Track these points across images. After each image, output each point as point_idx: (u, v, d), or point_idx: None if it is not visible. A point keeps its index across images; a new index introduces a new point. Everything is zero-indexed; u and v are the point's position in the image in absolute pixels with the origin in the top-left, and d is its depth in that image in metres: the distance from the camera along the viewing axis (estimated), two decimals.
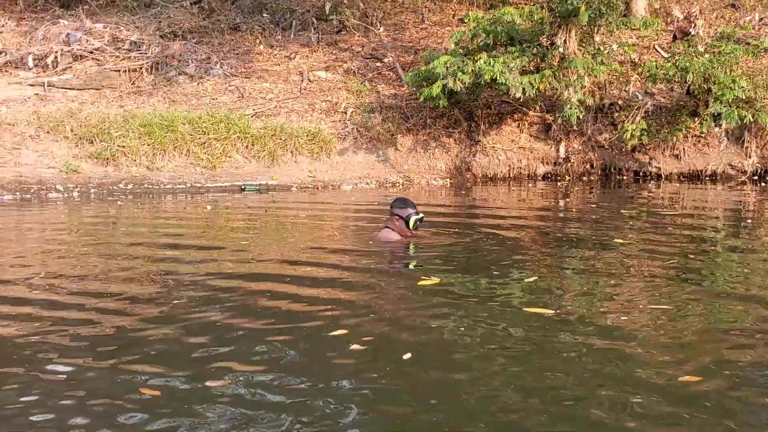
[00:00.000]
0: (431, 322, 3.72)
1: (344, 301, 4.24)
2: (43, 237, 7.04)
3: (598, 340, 3.38)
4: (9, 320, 3.88)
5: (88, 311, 4.05)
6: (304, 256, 5.73)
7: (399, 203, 5.85)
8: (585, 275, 4.86)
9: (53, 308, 4.12)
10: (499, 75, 11.33)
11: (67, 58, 14.57)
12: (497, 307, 3.97)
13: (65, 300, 4.32)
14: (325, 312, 3.92)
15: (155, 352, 3.36)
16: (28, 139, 11.80)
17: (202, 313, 3.96)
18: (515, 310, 3.91)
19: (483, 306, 4.01)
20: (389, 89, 14.47)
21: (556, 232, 7.01)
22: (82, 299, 4.33)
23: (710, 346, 3.30)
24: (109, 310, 4.07)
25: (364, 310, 3.98)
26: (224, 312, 3.97)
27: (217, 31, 16.62)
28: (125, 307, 4.12)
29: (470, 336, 3.50)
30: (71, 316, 3.93)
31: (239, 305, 4.13)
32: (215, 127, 12.34)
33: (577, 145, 13.38)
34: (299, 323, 3.74)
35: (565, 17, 11.85)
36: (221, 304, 4.15)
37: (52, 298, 4.37)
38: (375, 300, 4.24)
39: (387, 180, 12.41)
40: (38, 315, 3.97)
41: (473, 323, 3.68)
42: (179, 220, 8.41)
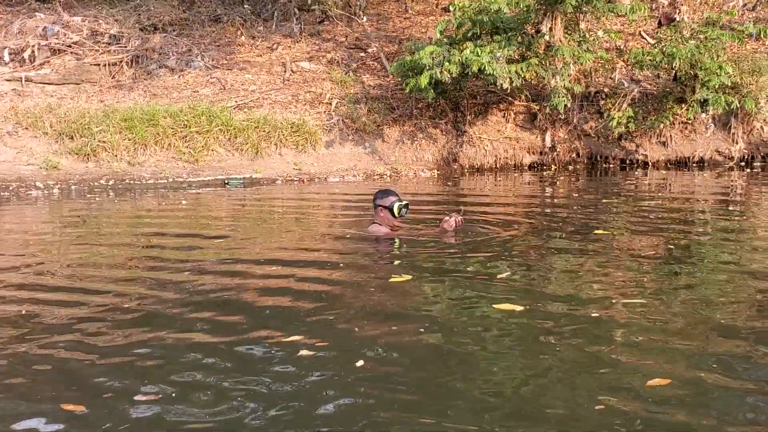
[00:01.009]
0: (392, 322, 3.51)
1: (308, 300, 4.03)
2: (24, 235, 6.86)
3: (571, 338, 3.24)
4: None
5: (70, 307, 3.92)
6: (278, 254, 5.57)
7: (380, 194, 5.73)
8: (563, 267, 4.74)
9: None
10: (487, 65, 11.20)
11: (44, 53, 14.27)
12: (466, 304, 3.85)
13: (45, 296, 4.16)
14: (284, 314, 3.74)
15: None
16: (5, 135, 11.56)
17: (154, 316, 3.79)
18: (484, 306, 3.76)
19: (451, 303, 3.89)
20: (374, 80, 14.31)
21: (538, 223, 6.91)
22: (64, 295, 4.21)
23: (692, 344, 3.17)
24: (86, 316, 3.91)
25: (325, 310, 3.78)
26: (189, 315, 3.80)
27: (197, 23, 16.37)
28: (98, 314, 3.92)
29: (433, 336, 3.33)
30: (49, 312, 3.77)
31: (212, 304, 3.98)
32: (197, 120, 12.15)
33: (563, 134, 13.30)
34: (253, 329, 3.49)
35: (551, 4, 11.74)
36: (187, 307, 3.95)
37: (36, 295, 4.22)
38: (340, 300, 4.05)
39: (374, 172, 12.27)
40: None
41: (438, 322, 3.53)
42: (155, 217, 8.22)
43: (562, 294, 4.03)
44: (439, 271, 4.68)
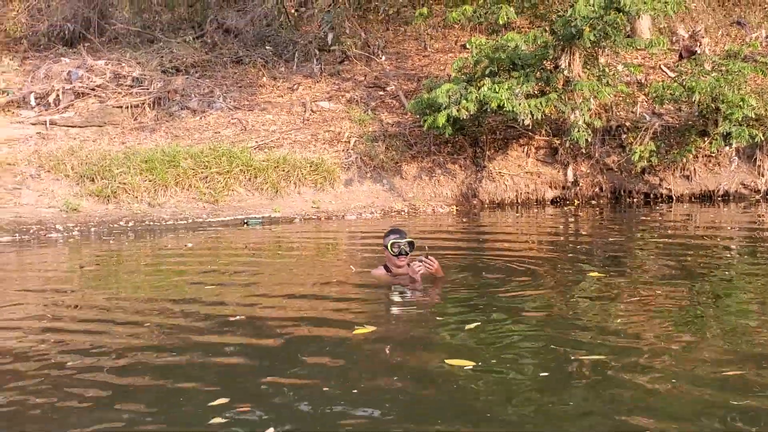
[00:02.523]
0: (330, 381, 3.31)
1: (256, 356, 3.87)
2: (42, 276, 6.87)
3: (515, 403, 3.03)
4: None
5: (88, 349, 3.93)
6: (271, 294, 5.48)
7: (386, 234, 5.54)
8: (541, 314, 4.50)
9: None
10: (506, 102, 11.14)
11: (69, 96, 14.56)
12: (418, 357, 3.69)
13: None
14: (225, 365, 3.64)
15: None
16: (28, 178, 11.71)
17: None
18: (436, 361, 3.59)
19: (406, 356, 3.73)
20: (392, 117, 14.33)
21: (557, 260, 6.74)
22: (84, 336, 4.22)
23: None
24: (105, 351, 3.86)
25: (266, 367, 3.62)
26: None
27: (219, 64, 16.61)
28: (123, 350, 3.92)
29: (364, 392, 3.18)
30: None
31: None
32: (217, 161, 12.22)
33: (585, 168, 13.14)
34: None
35: (569, 40, 11.70)
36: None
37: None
38: (289, 355, 3.85)
39: (392, 208, 12.20)
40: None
41: (381, 377, 3.38)
42: (174, 256, 8.21)
43: (527, 346, 3.84)
44: (407, 317, 4.59)
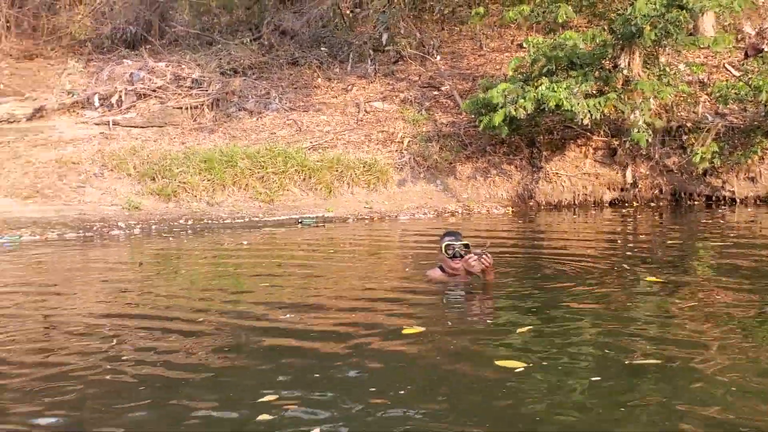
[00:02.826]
0: (378, 382, 3.29)
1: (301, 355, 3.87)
2: (106, 271, 7.08)
3: (560, 406, 2.96)
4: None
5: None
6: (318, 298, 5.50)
7: (441, 237, 5.48)
8: (596, 318, 4.36)
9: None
10: (565, 101, 10.97)
11: (131, 97, 14.97)
12: (467, 358, 3.62)
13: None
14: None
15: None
16: (92, 177, 12.09)
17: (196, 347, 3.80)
18: (486, 362, 3.52)
19: (455, 356, 3.66)
20: (447, 117, 14.27)
21: (603, 265, 6.56)
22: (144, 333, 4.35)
23: None
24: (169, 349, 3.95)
25: (312, 368, 3.58)
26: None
27: (276, 66, 16.84)
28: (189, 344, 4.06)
29: (412, 393, 3.13)
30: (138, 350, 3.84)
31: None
32: (273, 161, 12.38)
33: (645, 169, 12.83)
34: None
35: (629, 39, 11.44)
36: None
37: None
38: (338, 354, 3.80)
39: (445, 209, 12.14)
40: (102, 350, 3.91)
41: (429, 378, 3.33)
42: (233, 256, 8.34)
43: (578, 350, 3.73)
44: (459, 318, 4.54)
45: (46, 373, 3.64)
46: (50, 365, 3.80)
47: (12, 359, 3.99)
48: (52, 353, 4.07)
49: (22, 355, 4.09)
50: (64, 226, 10.39)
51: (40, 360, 3.94)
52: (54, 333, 4.64)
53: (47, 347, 4.25)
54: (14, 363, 3.92)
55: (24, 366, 3.85)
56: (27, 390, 3.41)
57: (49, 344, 4.34)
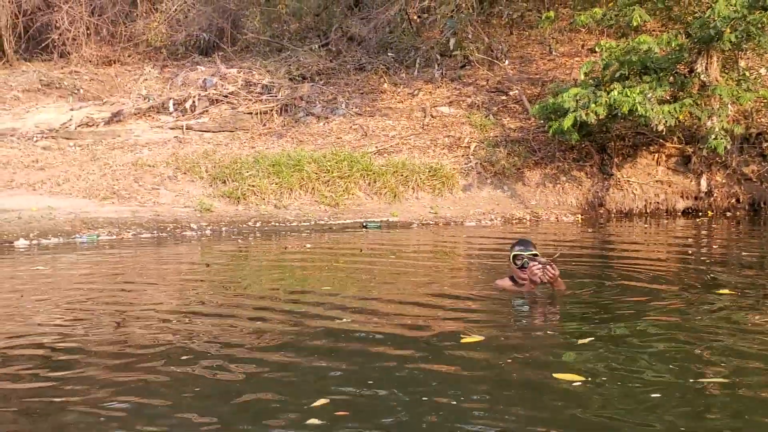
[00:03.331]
0: (432, 391, 3.26)
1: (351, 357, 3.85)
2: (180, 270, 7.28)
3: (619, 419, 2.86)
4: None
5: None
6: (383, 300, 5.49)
7: (512, 245, 5.35)
8: (661, 332, 4.18)
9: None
10: (639, 106, 10.68)
11: (203, 103, 15.36)
12: (525, 371, 3.52)
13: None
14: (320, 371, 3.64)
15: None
16: (166, 180, 12.45)
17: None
18: (544, 374, 3.43)
19: (513, 367, 3.57)
20: (515, 122, 14.11)
21: (675, 277, 6.31)
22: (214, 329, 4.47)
23: None
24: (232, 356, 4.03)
25: (364, 372, 3.56)
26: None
27: (343, 72, 16.99)
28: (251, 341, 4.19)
29: (468, 403, 3.07)
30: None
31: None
32: (339, 166, 12.49)
33: (721, 178, 12.38)
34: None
35: (706, 42, 11.07)
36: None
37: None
38: (394, 361, 3.76)
39: (513, 216, 11.98)
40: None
41: (480, 391, 3.25)
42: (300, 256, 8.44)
43: (637, 365, 3.59)
44: (520, 327, 4.47)
45: (118, 362, 3.90)
46: (122, 355, 4.04)
47: (89, 348, 4.25)
48: (125, 344, 4.34)
49: (97, 346, 4.33)
50: (139, 226, 10.73)
51: (114, 350, 4.20)
52: (126, 326, 4.85)
53: (120, 339, 4.51)
54: (90, 352, 4.18)
55: (99, 355, 4.11)
56: (100, 377, 3.63)
57: (121, 336, 4.58)
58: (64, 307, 5.42)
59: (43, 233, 10.17)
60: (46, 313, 5.27)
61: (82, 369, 3.78)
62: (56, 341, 4.37)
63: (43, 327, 4.82)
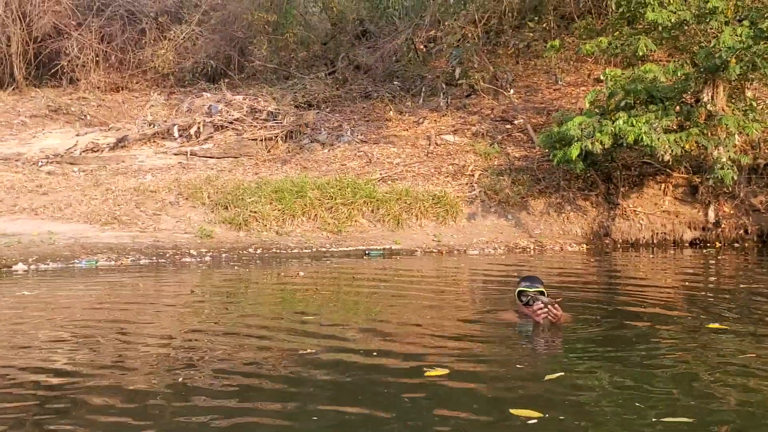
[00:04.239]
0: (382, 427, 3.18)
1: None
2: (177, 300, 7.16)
3: None
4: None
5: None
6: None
7: (519, 280, 5.30)
8: (641, 370, 4.02)
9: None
10: (644, 135, 10.57)
11: (208, 129, 15.38)
12: (482, 404, 3.43)
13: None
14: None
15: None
16: (168, 205, 12.38)
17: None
18: (500, 410, 3.33)
19: (470, 401, 3.49)
20: (519, 151, 14.02)
21: (679, 312, 6.12)
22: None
23: None
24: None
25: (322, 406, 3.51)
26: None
27: (349, 99, 17.03)
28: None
29: None
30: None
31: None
32: (342, 192, 12.40)
33: (729, 208, 12.21)
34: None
35: (712, 72, 11.00)
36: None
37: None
38: (348, 393, 3.72)
39: (517, 245, 11.82)
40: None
41: (434, 422, 3.19)
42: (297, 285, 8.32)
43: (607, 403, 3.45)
44: (486, 360, 4.34)
45: (122, 385, 3.87)
46: (125, 379, 4.00)
47: (88, 372, 4.19)
48: (127, 368, 4.29)
49: (97, 368, 4.27)
50: (138, 252, 10.63)
51: (116, 372, 4.15)
52: (128, 350, 4.79)
53: (121, 362, 4.45)
54: (88, 375, 4.12)
55: (100, 377, 4.05)
56: (103, 401, 3.63)
57: (123, 360, 4.52)
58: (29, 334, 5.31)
59: (42, 258, 10.09)
60: (25, 336, 5.18)
61: (84, 387, 3.82)
62: (40, 369, 4.29)
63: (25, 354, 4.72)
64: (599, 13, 16.51)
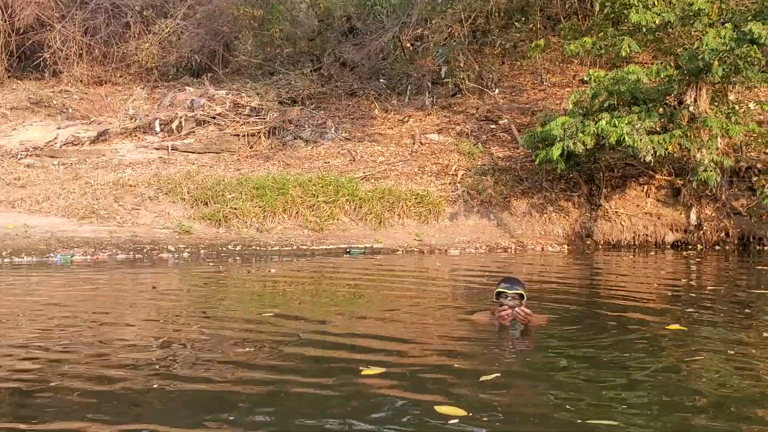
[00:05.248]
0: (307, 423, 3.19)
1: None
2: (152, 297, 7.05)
3: None
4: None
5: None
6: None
7: (499, 281, 5.18)
8: (584, 373, 3.98)
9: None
10: (626, 136, 10.56)
11: (190, 123, 15.23)
12: (410, 402, 3.43)
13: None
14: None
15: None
16: (147, 200, 12.24)
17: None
18: (425, 407, 3.34)
19: (398, 398, 3.49)
20: (503, 151, 13.98)
21: (651, 311, 6.09)
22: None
23: None
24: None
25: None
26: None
27: (334, 96, 16.92)
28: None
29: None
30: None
31: None
32: (324, 190, 12.32)
33: (710, 211, 12.23)
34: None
35: (695, 74, 11.00)
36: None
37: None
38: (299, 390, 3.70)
39: (498, 245, 11.78)
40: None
41: (359, 418, 3.21)
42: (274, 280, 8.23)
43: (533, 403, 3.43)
44: (428, 360, 4.27)
45: (99, 386, 3.78)
46: (104, 378, 3.92)
47: (67, 372, 4.08)
48: (106, 366, 4.19)
49: (78, 366, 4.18)
50: (115, 246, 10.50)
51: (94, 373, 4.05)
52: (107, 347, 4.71)
53: (101, 361, 4.35)
54: (70, 375, 4.02)
55: (79, 378, 3.94)
56: (80, 402, 3.51)
57: (102, 358, 4.41)
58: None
59: (17, 251, 9.95)
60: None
61: (62, 391, 3.70)
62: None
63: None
64: (585, 14, 16.51)
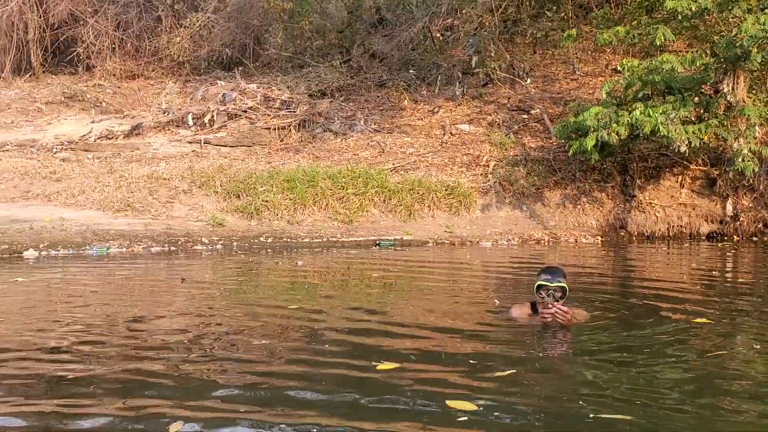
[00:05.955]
0: (326, 419, 3.16)
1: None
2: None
3: None
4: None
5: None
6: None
7: (539, 271, 4.87)
8: (600, 368, 3.91)
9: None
10: (661, 126, 10.39)
11: (222, 117, 15.35)
12: (422, 397, 3.39)
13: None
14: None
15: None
16: (181, 193, 12.38)
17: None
18: (436, 401, 3.31)
19: (411, 394, 3.45)
20: (536, 141, 13.85)
21: (686, 304, 5.96)
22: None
23: None
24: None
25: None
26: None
27: (363, 88, 16.90)
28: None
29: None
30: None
31: None
32: (354, 182, 12.33)
33: (748, 201, 11.99)
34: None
35: (733, 62, 10.75)
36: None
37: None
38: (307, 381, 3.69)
39: (531, 236, 11.69)
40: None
41: (373, 414, 3.20)
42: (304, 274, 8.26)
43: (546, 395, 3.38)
44: (438, 357, 4.18)
45: (130, 375, 3.84)
46: (133, 369, 3.95)
47: (100, 357, 4.18)
48: (137, 356, 4.25)
49: (110, 356, 4.25)
50: (150, 239, 10.63)
51: (125, 362, 4.11)
52: (139, 336, 4.79)
53: (132, 351, 4.41)
54: (102, 359, 4.12)
55: (111, 364, 4.04)
56: (113, 387, 3.62)
57: (133, 348, 4.48)
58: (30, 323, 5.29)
59: (54, 244, 10.12)
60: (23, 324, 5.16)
61: (92, 377, 3.77)
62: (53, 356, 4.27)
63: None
64: (618, 2, 16.24)
